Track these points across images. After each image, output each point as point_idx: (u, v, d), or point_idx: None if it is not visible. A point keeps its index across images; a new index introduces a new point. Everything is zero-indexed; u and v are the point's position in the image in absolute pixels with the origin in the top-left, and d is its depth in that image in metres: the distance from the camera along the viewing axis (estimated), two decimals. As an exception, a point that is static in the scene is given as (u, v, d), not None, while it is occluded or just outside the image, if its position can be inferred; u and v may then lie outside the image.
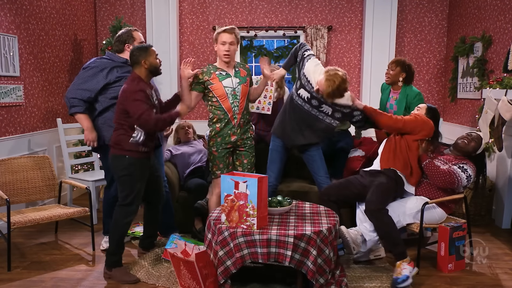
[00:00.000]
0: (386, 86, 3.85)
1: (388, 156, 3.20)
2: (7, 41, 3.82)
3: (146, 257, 3.21)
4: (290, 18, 5.69)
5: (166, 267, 3.08)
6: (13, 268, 3.08)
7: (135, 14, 5.74)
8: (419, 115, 3.23)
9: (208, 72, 3.21)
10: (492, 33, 4.44)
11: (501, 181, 4.10)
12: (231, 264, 2.52)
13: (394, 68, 3.61)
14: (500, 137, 3.82)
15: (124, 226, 2.93)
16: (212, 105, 3.21)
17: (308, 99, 3.19)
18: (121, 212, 2.91)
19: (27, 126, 4.16)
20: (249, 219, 2.52)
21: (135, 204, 2.92)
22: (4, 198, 3.12)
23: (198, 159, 4.03)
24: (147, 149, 2.93)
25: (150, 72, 2.91)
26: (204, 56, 5.78)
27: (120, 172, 2.87)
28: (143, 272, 3.01)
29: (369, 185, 3.12)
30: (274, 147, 3.40)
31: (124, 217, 2.91)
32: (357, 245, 2.95)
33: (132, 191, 2.88)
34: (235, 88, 3.18)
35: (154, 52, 2.92)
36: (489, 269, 3.17)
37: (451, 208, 3.28)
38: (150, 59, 2.87)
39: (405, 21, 5.62)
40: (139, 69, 2.88)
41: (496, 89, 3.85)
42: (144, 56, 2.86)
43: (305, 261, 2.48)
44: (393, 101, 3.69)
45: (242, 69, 3.29)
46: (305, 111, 3.22)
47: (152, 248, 3.32)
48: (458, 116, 5.21)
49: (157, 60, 2.92)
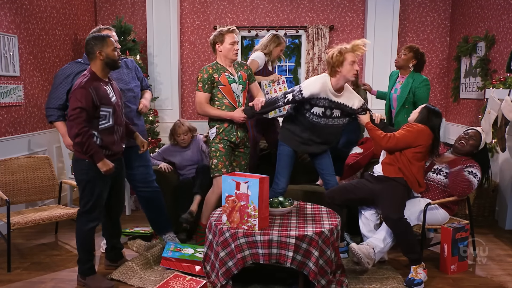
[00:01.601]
0: (394, 72, 3.86)
1: (390, 169, 3.07)
2: (7, 41, 3.81)
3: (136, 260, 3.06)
4: (292, 18, 5.66)
5: (157, 271, 3.02)
6: (13, 269, 3.06)
7: (136, 13, 5.73)
8: (411, 126, 3.04)
9: (218, 70, 3.23)
10: (495, 33, 4.42)
11: (504, 181, 4.07)
12: (232, 265, 2.50)
13: (406, 53, 3.62)
14: (503, 137, 3.79)
15: (86, 234, 2.75)
16: (223, 104, 3.23)
17: (323, 112, 3.09)
18: (82, 219, 2.74)
19: (27, 126, 4.14)
20: (251, 220, 2.50)
21: (96, 211, 2.74)
22: (4, 198, 3.11)
23: (190, 172, 3.78)
24: (110, 153, 2.72)
25: (106, 65, 2.68)
26: (205, 56, 5.76)
27: (80, 176, 2.70)
28: (137, 278, 2.89)
29: (379, 192, 3.03)
30: (284, 151, 3.26)
31: (85, 224, 2.73)
32: (371, 259, 2.89)
33: (92, 197, 2.70)
34: (239, 95, 3.27)
35: (113, 43, 2.70)
36: (492, 271, 3.15)
37: (454, 209, 3.26)
38: (106, 50, 2.65)
39: (407, 21, 5.60)
40: (94, 61, 2.67)
41: (499, 89, 3.83)
42: (100, 46, 2.64)
43: (307, 262, 2.47)
44: (398, 86, 3.70)
45: (243, 72, 3.32)
46: (321, 126, 3.13)
47: (119, 260, 3.10)
48: (461, 116, 5.18)
49: (115, 53, 2.70)
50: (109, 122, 2.69)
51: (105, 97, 2.65)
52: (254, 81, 3.41)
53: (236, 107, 3.25)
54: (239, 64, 3.36)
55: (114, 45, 2.70)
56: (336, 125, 3.18)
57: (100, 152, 2.63)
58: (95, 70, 2.68)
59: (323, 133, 3.18)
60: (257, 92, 3.41)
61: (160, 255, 3.15)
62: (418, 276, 2.83)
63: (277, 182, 3.24)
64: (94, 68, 2.68)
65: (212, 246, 2.65)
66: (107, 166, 2.65)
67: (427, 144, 3.03)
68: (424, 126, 3.02)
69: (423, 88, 3.56)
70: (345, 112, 3.15)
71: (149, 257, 3.13)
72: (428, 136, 3.02)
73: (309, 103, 3.08)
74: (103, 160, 2.64)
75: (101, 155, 2.63)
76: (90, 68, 2.69)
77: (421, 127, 3.02)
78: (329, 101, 3.05)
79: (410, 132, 3.01)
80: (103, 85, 2.68)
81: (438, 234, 3.39)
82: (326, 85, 3.02)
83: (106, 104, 2.66)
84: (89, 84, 2.59)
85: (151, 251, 3.22)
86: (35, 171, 3.58)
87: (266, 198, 2.57)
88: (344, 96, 3.10)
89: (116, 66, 2.75)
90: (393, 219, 2.87)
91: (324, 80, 3.03)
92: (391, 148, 3.03)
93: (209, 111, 3.25)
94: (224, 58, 3.25)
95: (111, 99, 2.70)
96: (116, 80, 3.21)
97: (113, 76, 3.19)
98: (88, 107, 2.57)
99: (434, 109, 3.11)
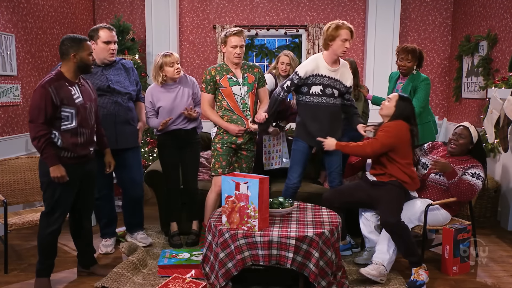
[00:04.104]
0: (394, 74, 3.84)
1: (381, 177, 3.04)
2: (4, 40, 3.78)
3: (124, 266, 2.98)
4: (292, 17, 5.63)
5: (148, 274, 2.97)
6: (10, 271, 3.03)
7: (134, 12, 5.69)
8: (388, 126, 2.96)
9: (221, 72, 3.22)
10: (497, 32, 4.38)
11: (507, 182, 4.03)
12: (232, 266, 2.48)
13: (410, 59, 3.58)
14: (505, 137, 3.76)
15: (46, 236, 2.69)
16: (222, 106, 3.25)
17: (322, 91, 3.12)
18: (43, 221, 2.70)
19: (24, 126, 4.10)
20: (250, 221, 2.48)
21: (56, 214, 2.67)
22: (1, 199, 3.08)
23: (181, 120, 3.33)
24: (72, 155, 2.63)
25: (78, 68, 2.61)
26: (205, 55, 5.73)
27: (42, 178, 2.65)
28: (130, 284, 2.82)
29: (376, 196, 3.00)
30: (299, 147, 3.28)
31: (46, 226, 2.68)
32: (384, 275, 2.87)
33: (52, 200, 2.64)
34: (244, 97, 3.24)
35: (89, 47, 2.64)
36: (494, 272, 3.12)
37: (456, 210, 3.22)
38: (82, 54, 2.58)
39: (409, 20, 5.56)
40: (66, 62, 2.59)
41: (502, 88, 3.80)
42: (75, 49, 2.57)
43: (307, 264, 2.45)
44: (400, 87, 3.69)
45: (250, 74, 3.28)
46: (324, 107, 3.15)
47: (92, 265, 2.99)
48: (463, 116, 5.15)
49: (90, 58, 2.64)
50: (72, 124, 2.60)
51: (67, 98, 2.56)
52: (264, 86, 3.38)
53: (236, 109, 3.22)
54: (249, 66, 3.33)
55: (90, 50, 2.65)
56: (338, 104, 3.21)
57: (54, 158, 2.55)
58: (64, 71, 2.61)
59: (328, 118, 3.16)
60: (262, 98, 3.38)
61: (144, 257, 3.14)
62: (420, 278, 2.80)
63: (289, 177, 3.29)
64: (64, 68, 2.61)
65: (212, 247, 2.63)
66: (57, 173, 2.55)
67: (408, 138, 2.98)
68: (399, 122, 2.97)
69: (423, 86, 3.55)
70: (340, 92, 3.18)
71: (135, 261, 3.05)
72: (406, 129, 2.97)
73: (307, 85, 3.12)
74: (55, 166, 2.55)
75: (54, 160, 2.55)
76: (60, 68, 2.62)
77: (398, 124, 2.96)
78: (326, 77, 3.11)
79: (389, 132, 2.94)
80: (67, 85, 2.59)
81: (440, 235, 3.36)
82: (320, 60, 3.10)
83: (68, 104, 2.56)
84: (49, 83, 2.52)
85: (134, 255, 3.14)
86: (32, 171, 3.55)
87: (266, 199, 2.55)
88: (340, 71, 3.15)
89: (88, 71, 2.69)
90: (392, 223, 2.84)
91: (316, 57, 3.13)
92: (378, 151, 2.96)
93: (209, 114, 3.28)
94: (227, 60, 3.26)
95: (75, 100, 2.60)
96: (115, 83, 3.19)
97: (112, 78, 3.18)
98: (46, 106, 2.49)
99: (405, 96, 3.07)
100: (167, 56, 3.24)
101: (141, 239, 3.46)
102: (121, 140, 3.24)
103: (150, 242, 3.46)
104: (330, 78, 3.12)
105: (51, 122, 2.55)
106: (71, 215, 2.91)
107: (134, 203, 3.47)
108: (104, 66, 3.20)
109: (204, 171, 3.98)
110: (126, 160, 3.32)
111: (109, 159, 3.02)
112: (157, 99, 3.31)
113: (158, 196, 3.67)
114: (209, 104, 3.29)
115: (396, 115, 3.01)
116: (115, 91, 3.18)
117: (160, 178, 3.59)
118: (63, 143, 2.59)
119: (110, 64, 3.23)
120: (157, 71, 3.26)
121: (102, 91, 3.13)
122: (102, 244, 3.39)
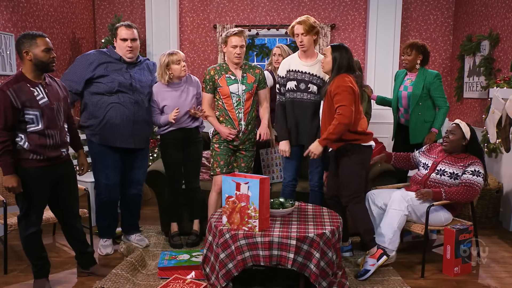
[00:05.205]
0: (400, 72, 3.82)
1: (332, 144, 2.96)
2: (3, 39, 3.77)
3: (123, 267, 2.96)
4: (293, 16, 5.61)
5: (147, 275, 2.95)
6: (10, 271, 3.02)
7: (135, 12, 5.68)
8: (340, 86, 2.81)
9: (220, 72, 3.25)
10: (499, 31, 4.37)
11: (509, 182, 4.02)
12: (232, 267, 2.48)
13: (410, 52, 3.57)
14: (507, 137, 3.75)
15: (25, 239, 2.63)
16: (219, 106, 3.30)
17: (296, 86, 3.15)
18: (20, 224, 2.63)
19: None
20: (251, 221, 2.47)
21: (33, 217, 2.60)
22: (1, 199, 3.07)
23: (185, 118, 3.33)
24: (41, 158, 2.52)
25: (36, 66, 2.46)
26: (205, 55, 5.72)
27: None
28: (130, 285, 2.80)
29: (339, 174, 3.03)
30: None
31: (24, 230, 2.61)
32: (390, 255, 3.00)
33: (25, 203, 2.57)
34: (240, 95, 3.24)
35: (44, 43, 2.46)
36: (496, 273, 3.10)
37: (458, 210, 3.21)
38: (34, 50, 2.43)
39: (410, 19, 5.55)
40: (23, 61, 2.46)
41: (504, 88, 3.79)
42: (27, 45, 2.43)
43: (308, 264, 2.44)
44: (408, 83, 3.65)
45: (250, 75, 3.28)
46: (298, 102, 3.15)
47: (92, 265, 2.95)
48: (464, 116, 5.13)
49: (46, 54, 2.47)
50: (38, 126, 2.49)
51: (30, 100, 2.45)
52: (264, 88, 3.37)
53: (231, 112, 3.23)
54: (250, 66, 3.33)
55: (45, 46, 2.47)
56: (313, 100, 3.15)
57: (9, 166, 2.44)
58: (25, 71, 2.49)
59: (304, 113, 3.15)
60: (262, 100, 3.38)
61: (142, 258, 3.13)
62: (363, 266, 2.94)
63: (284, 176, 3.34)
64: (24, 69, 2.49)
65: (212, 248, 2.62)
66: (9, 183, 2.46)
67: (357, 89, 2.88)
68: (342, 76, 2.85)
69: (437, 83, 3.56)
70: (319, 87, 3.13)
71: (133, 262, 3.04)
72: (353, 80, 2.86)
73: (283, 80, 3.21)
74: (9, 176, 2.45)
75: (9, 169, 2.44)
76: (21, 69, 2.51)
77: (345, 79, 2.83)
78: (299, 72, 3.15)
79: (344, 91, 2.79)
80: (29, 86, 2.47)
81: (441, 235, 3.34)
82: (293, 56, 3.21)
83: (31, 107, 2.45)
84: (8, 86, 2.41)
85: (132, 256, 3.12)
86: (32, 171, 3.53)
87: (267, 199, 2.54)
88: (317, 66, 3.13)
89: (48, 69, 2.52)
90: (345, 201, 2.96)
91: (292, 55, 3.24)
92: (352, 113, 2.80)
93: (206, 114, 3.33)
94: (227, 59, 3.27)
95: (39, 101, 2.48)
96: (137, 81, 3.20)
97: (135, 77, 3.19)
98: (6, 111, 2.39)
99: (336, 44, 2.95)
100: (173, 54, 3.25)
101: (137, 241, 3.44)
102: (138, 140, 3.24)
103: (146, 244, 3.44)
104: (303, 72, 3.13)
105: (15, 126, 2.46)
106: (55, 215, 2.87)
107: (134, 204, 3.46)
108: (128, 64, 3.20)
109: (204, 171, 3.96)
110: (136, 160, 3.34)
111: (82, 160, 2.94)
112: (162, 98, 3.31)
113: (158, 196, 3.66)
114: (209, 104, 3.34)
115: (336, 66, 2.89)
116: (136, 89, 3.18)
117: (160, 178, 3.58)
118: (30, 146, 2.49)
119: (135, 62, 3.25)
120: (163, 69, 3.25)
121: (124, 88, 3.13)
122: (101, 245, 3.37)
